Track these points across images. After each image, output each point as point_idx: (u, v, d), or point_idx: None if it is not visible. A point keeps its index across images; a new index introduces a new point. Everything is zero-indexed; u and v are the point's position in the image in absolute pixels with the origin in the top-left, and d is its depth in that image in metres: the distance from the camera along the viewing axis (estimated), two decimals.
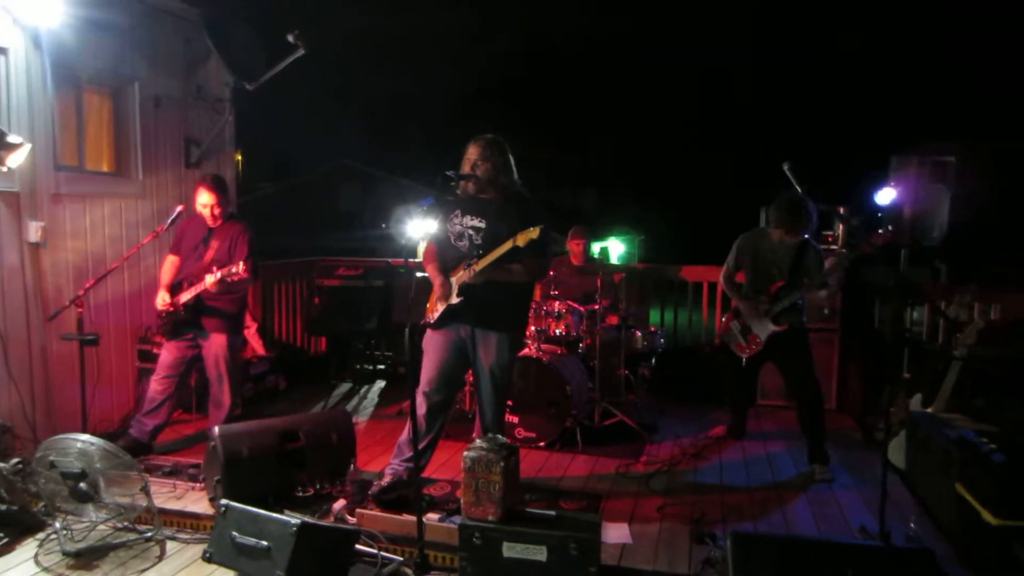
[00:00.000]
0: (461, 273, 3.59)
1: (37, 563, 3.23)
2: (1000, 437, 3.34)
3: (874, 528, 3.34)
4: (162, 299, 4.39)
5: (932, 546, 3.15)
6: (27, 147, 3.94)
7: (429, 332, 3.76)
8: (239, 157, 6.41)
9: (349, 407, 5.84)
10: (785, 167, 3.89)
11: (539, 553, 2.83)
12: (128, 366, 5.18)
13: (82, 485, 3.23)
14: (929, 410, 4.16)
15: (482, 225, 3.63)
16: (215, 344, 4.43)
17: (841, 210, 5.46)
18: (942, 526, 3.51)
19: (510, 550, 2.85)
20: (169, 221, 4.48)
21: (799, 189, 3.96)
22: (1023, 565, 2.96)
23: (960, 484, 3.30)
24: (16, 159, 3.93)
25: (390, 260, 6.72)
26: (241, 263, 4.07)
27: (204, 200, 4.38)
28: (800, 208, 4.15)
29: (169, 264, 4.60)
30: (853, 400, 5.63)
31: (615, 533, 3.43)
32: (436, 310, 3.69)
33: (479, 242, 3.62)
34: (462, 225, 3.68)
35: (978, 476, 3.20)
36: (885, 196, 5.39)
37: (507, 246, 3.41)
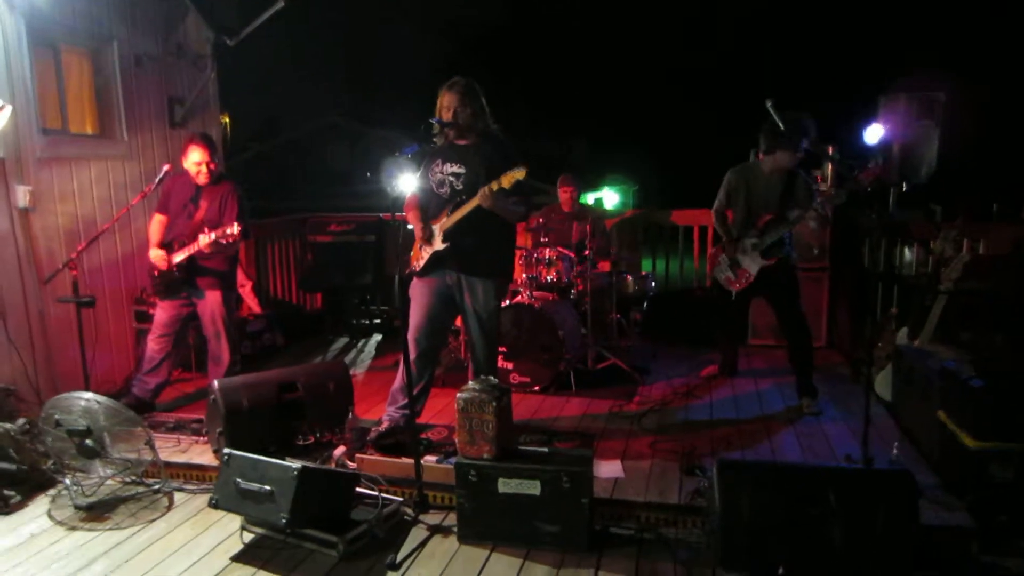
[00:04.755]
0: (444, 220, 3.63)
1: (51, 517, 3.34)
2: (980, 364, 3.41)
3: (859, 457, 3.43)
4: (157, 255, 4.39)
5: (914, 471, 3.26)
6: (8, 109, 3.93)
7: (416, 280, 3.82)
8: (226, 119, 6.36)
9: (347, 360, 5.93)
10: (768, 104, 3.89)
11: (533, 487, 2.93)
12: (126, 328, 5.24)
13: (88, 442, 3.32)
14: (915, 343, 4.24)
15: (462, 171, 3.66)
16: (210, 301, 4.47)
17: (830, 150, 5.44)
18: (925, 453, 3.62)
19: (505, 486, 2.96)
20: (157, 181, 4.47)
21: (781, 126, 3.96)
22: (999, 484, 3.08)
23: (941, 411, 3.41)
24: None
25: (381, 215, 6.73)
26: (236, 224, 4.09)
27: (196, 158, 4.36)
28: (795, 122, 4.04)
29: (157, 223, 4.59)
30: (842, 337, 5.72)
31: (607, 469, 3.54)
32: (421, 258, 3.74)
33: (460, 187, 3.65)
34: (443, 173, 3.71)
35: (957, 401, 3.30)
36: (873, 134, 5.37)
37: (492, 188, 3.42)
